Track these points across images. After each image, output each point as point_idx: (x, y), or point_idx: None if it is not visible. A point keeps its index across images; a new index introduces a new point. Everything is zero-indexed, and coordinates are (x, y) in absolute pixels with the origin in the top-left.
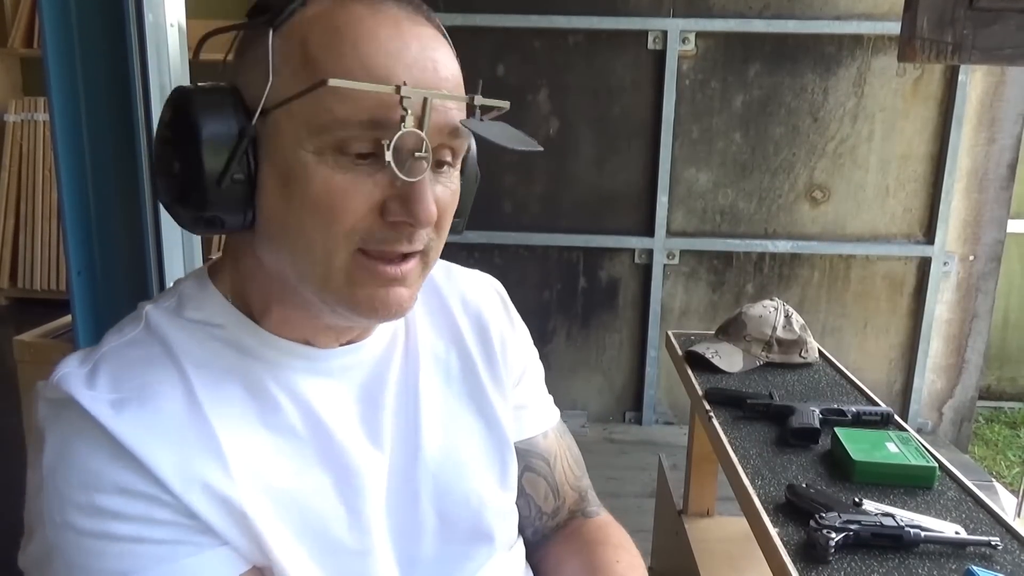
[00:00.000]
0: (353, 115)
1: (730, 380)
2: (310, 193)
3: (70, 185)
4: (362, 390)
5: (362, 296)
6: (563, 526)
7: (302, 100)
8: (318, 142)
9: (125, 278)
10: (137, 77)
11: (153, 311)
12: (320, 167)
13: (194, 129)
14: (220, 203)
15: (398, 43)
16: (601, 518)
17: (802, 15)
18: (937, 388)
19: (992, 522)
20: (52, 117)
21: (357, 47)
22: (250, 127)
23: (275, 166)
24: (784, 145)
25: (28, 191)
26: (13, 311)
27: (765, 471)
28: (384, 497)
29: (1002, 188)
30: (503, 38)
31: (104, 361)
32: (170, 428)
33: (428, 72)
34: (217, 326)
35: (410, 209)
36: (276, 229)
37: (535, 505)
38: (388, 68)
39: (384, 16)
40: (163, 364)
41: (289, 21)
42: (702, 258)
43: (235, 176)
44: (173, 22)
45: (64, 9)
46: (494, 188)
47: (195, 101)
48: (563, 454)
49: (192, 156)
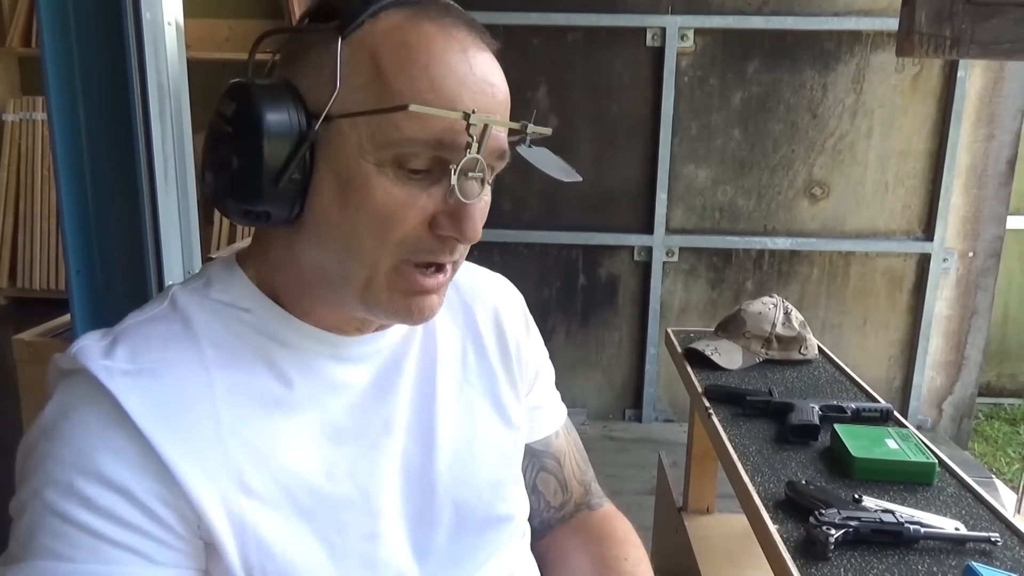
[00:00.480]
0: (420, 135)
1: (730, 377)
2: (368, 202)
3: (68, 184)
4: (379, 376)
5: (400, 303)
6: (568, 518)
7: (373, 115)
8: (381, 155)
9: (124, 277)
10: (135, 76)
11: (180, 290)
12: (380, 178)
13: (258, 125)
14: (273, 200)
15: (464, 68)
16: (605, 509)
17: (801, 11)
18: (937, 384)
19: (992, 518)
20: (50, 116)
21: (428, 69)
22: (312, 131)
23: (334, 171)
24: (783, 142)
25: (27, 190)
26: (12, 310)
27: (765, 468)
28: (399, 483)
29: (1001, 184)
30: (502, 35)
31: (124, 336)
32: (179, 409)
33: (488, 97)
34: (244, 309)
35: (460, 226)
36: (328, 230)
37: (544, 500)
38: (456, 93)
39: (453, 40)
40: (183, 341)
41: (359, 31)
42: (701, 255)
43: (293, 176)
44: (171, 20)
45: (62, 8)
46: (493, 186)
47: (260, 98)
48: (571, 451)
49: (253, 152)
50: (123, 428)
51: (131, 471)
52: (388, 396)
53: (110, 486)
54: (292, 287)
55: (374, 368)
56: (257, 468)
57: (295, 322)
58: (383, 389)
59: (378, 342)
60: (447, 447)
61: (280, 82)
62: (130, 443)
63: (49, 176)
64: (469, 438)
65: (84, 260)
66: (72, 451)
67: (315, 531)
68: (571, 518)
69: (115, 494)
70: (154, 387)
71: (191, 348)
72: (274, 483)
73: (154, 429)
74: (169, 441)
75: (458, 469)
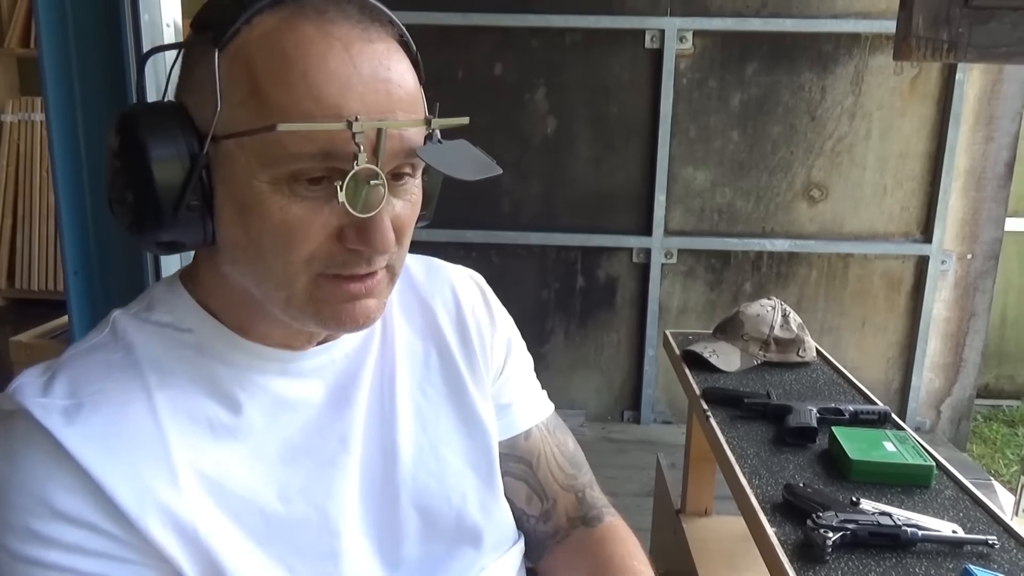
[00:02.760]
0: (306, 149)
1: (728, 379)
2: (267, 223)
3: (66, 185)
4: (334, 390)
5: (327, 312)
6: (563, 535)
7: (253, 135)
8: (272, 173)
9: (122, 279)
10: (133, 77)
11: (120, 316)
12: (276, 196)
13: (145, 155)
14: (178, 228)
15: (348, 68)
16: (604, 526)
17: (799, 14)
18: (935, 387)
19: (990, 521)
20: (48, 117)
21: (306, 77)
22: (202, 156)
23: (230, 194)
24: (782, 144)
25: (25, 191)
26: (11, 312)
27: (762, 470)
28: (358, 499)
29: (1000, 187)
30: (501, 37)
31: (63, 368)
32: (122, 439)
33: (381, 97)
34: (186, 330)
35: (367, 238)
36: (237, 254)
37: (518, 508)
38: (339, 99)
39: (333, 39)
40: (123, 370)
41: (234, 40)
42: (700, 257)
43: (191, 203)
44: (169, 22)
45: (60, 9)
46: (492, 187)
47: (143, 127)
48: (549, 452)
49: (145, 183)
50: (66, 463)
51: (85, 503)
52: (344, 410)
53: (70, 521)
54: (229, 306)
55: (328, 382)
56: (207, 495)
57: (239, 340)
58: (338, 403)
59: (331, 352)
60: (408, 456)
61: (167, 105)
62: (76, 478)
63: (48, 177)
64: (432, 443)
65: (82, 262)
66: (24, 495)
67: (271, 555)
68: (567, 536)
69: (77, 528)
70: (93, 420)
71: (133, 376)
72: (225, 509)
73: (94, 461)
74: (113, 472)
75: (423, 476)
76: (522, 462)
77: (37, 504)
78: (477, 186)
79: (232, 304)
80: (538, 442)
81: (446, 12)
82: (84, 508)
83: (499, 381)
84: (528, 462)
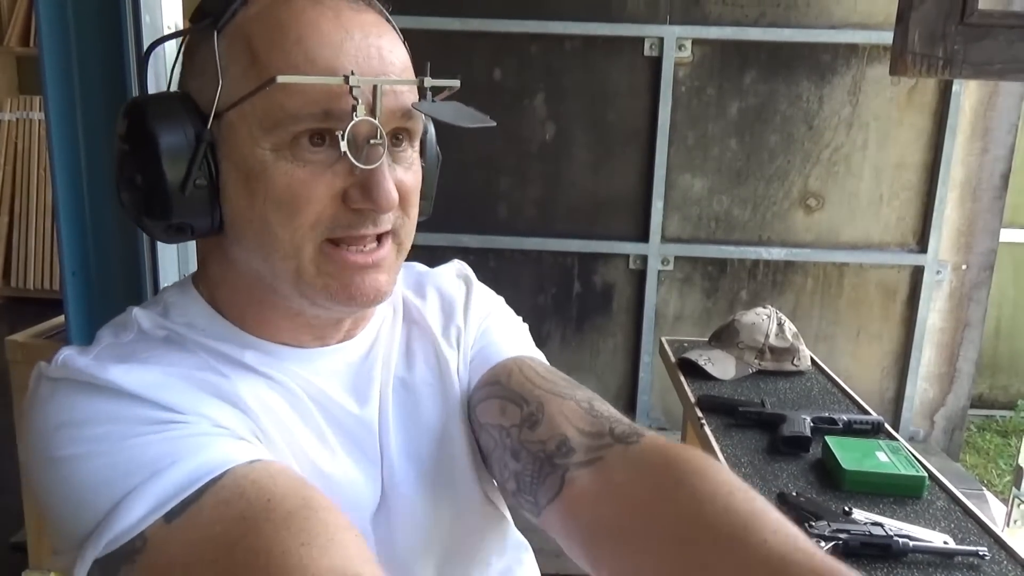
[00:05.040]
0: (304, 108)
1: (722, 387)
2: (272, 189)
3: (64, 185)
4: (352, 376)
5: (336, 285)
6: (587, 460)
7: (253, 99)
8: (274, 138)
9: (119, 279)
10: (133, 79)
11: (143, 316)
12: (279, 163)
13: (151, 139)
14: (186, 210)
15: (340, 34)
16: (649, 440)
17: (797, 24)
18: (929, 396)
19: (980, 532)
20: (47, 116)
21: (301, 41)
22: (206, 132)
23: (235, 167)
24: (779, 152)
25: (23, 190)
26: (6, 310)
27: (756, 479)
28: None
29: (995, 198)
30: (500, 43)
31: (106, 351)
32: (186, 378)
33: (373, 59)
34: (202, 330)
35: (371, 195)
36: (243, 228)
37: (494, 426)
38: (333, 59)
39: (325, 7)
40: (168, 346)
41: (232, 22)
42: (696, 264)
43: (197, 182)
44: (170, 24)
45: (61, 8)
46: (489, 192)
47: (149, 111)
48: (526, 365)
49: (153, 166)
50: (132, 398)
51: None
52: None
53: (152, 413)
54: (238, 301)
55: (341, 374)
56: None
57: (248, 338)
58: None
59: (342, 353)
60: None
61: (170, 92)
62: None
63: (45, 176)
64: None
65: (79, 262)
66: (98, 412)
67: None
68: (597, 460)
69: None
70: (151, 370)
71: (178, 348)
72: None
73: (164, 395)
74: (184, 400)
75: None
76: (490, 384)
77: (116, 413)
78: (475, 190)
79: (241, 296)
80: (510, 364)
81: (445, 17)
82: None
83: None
84: (497, 380)
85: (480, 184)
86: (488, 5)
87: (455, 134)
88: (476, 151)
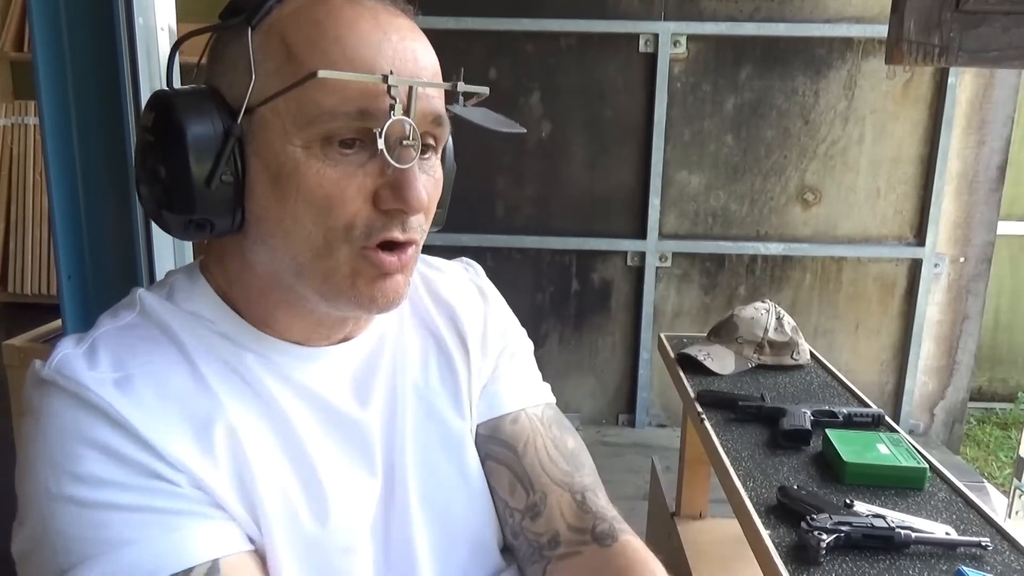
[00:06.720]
0: (340, 106)
1: (722, 382)
2: (303, 188)
3: (60, 189)
4: (354, 378)
5: (364, 289)
6: (569, 553)
7: (288, 95)
8: (306, 135)
9: (115, 283)
10: (127, 81)
11: (147, 297)
12: (311, 161)
13: (180, 132)
14: (209, 206)
15: (378, 34)
16: (620, 545)
17: (792, 18)
18: (929, 389)
19: (982, 523)
20: (42, 121)
21: (339, 40)
22: (235, 126)
23: (264, 164)
24: (775, 147)
25: (18, 195)
26: (3, 315)
27: (757, 473)
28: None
29: (992, 190)
30: (495, 41)
31: (102, 342)
32: (177, 404)
33: (409, 62)
34: (208, 320)
35: (402, 196)
36: (270, 227)
37: (500, 498)
38: (371, 59)
39: (363, 8)
40: (165, 344)
41: (267, 19)
42: (694, 260)
43: (223, 178)
44: (163, 25)
45: (54, 12)
46: (486, 191)
47: (178, 104)
48: (541, 444)
49: (179, 160)
50: (126, 432)
51: (149, 455)
52: (365, 408)
53: (135, 466)
54: (250, 298)
55: (347, 372)
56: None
57: (257, 334)
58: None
59: (349, 350)
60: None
61: (198, 86)
62: (135, 440)
63: (41, 181)
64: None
65: (76, 266)
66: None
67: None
68: (575, 554)
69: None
70: (145, 390)
71: (174, 349)
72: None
73: (155, 430)
74: (175, 439)
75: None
76: (506, 447)
77: (101, 453)
78: (472, 189)
79: (255, 294)
80: (527, 429)
81: (440, 16)
82: (146, 456)
83: (498, 365)
84: (513, 448)
85: (477, 183)
86: (483, 3)
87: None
88: (473, 150)
